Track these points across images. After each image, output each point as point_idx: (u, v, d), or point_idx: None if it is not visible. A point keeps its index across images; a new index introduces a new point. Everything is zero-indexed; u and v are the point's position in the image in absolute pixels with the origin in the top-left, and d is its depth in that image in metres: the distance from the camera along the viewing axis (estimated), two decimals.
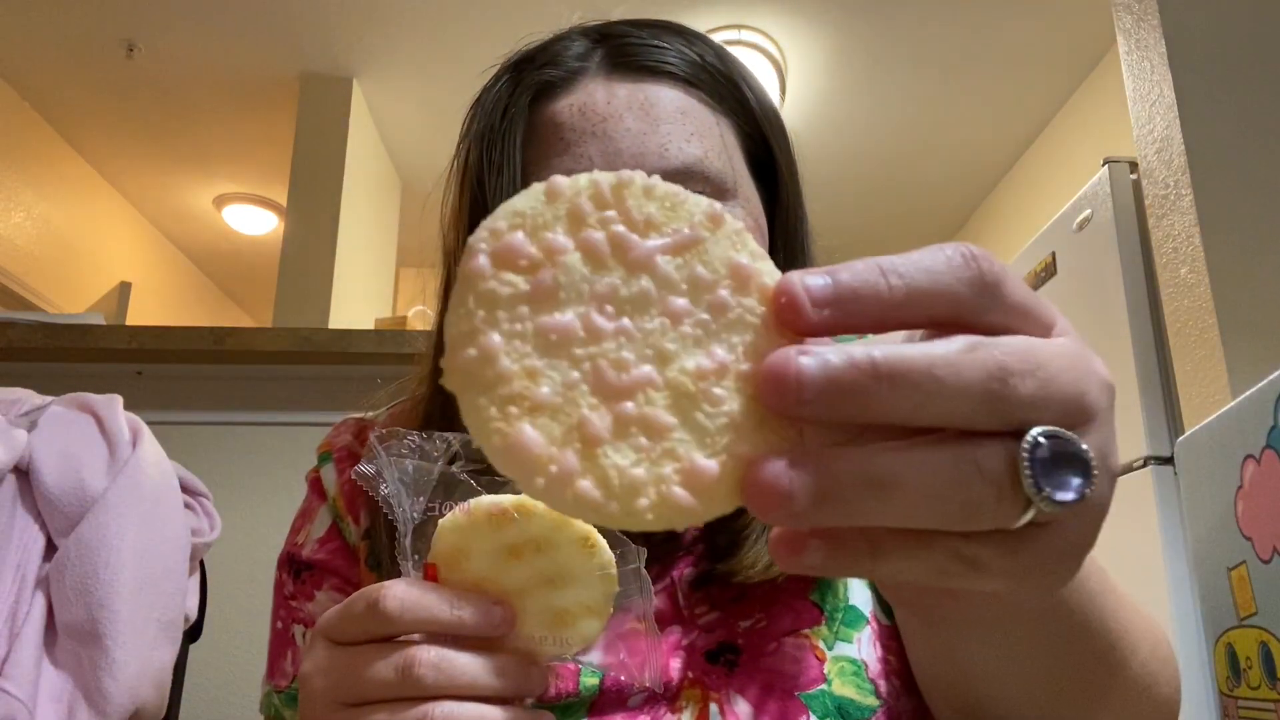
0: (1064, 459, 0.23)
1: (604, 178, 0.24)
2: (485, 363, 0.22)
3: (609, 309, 0.24)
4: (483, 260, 0.23)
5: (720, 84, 0.58)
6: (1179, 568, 1.83)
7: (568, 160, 0.53)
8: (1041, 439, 0.22)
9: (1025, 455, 0.22)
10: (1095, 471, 0.23)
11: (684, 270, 0.24)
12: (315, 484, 0.62)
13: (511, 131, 0.55)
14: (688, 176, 0.53)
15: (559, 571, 0.36)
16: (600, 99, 0.55)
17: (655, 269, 0.24)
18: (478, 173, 0.55)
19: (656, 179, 0.25)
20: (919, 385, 0.22)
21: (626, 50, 0.57)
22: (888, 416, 0.22)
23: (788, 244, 0.61)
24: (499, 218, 0.24)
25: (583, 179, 0.24)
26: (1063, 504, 0.22)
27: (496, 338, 0.23)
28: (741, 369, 0.23)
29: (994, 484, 0.22)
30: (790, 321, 0.23)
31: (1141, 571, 1.92)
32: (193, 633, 1.07)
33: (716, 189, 0.55)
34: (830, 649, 0.52)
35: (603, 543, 0.36)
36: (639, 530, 0.23)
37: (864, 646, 0.53)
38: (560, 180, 0.24)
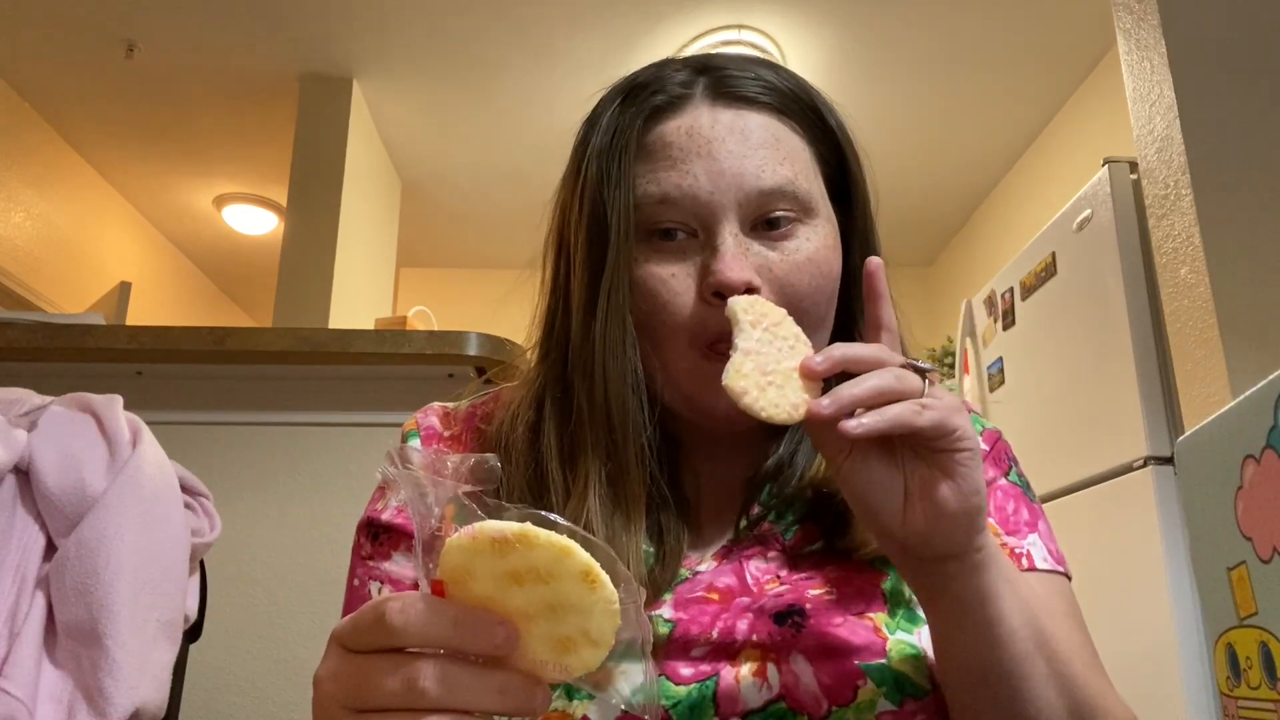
0: (923, 373, 0.51)
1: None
2: None
3: None
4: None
5: (806, 112, 0.65)
6: (1179, 568, 1.83)
7: (675, 175, 0.60)
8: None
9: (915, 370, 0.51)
10: (931, 371, 0.51)
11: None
12: None
13: (626, 150, 0.62)
14: (780, 196, 0.61)
15: (560, 601, 0.36)
16: (705, 123, 0.62)
17: None
18: (597, 185, 0.62)
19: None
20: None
21: (726, 81, 0.64)
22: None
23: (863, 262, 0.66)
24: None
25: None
26: (925, 370, 0.51)
27: None
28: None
29: (908, 377, 0.50)
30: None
31: (1141, 571, 1.92)
32: (193, 633, 1.07)
33: (803, 207, 0.62)
34: (892, 634, 0.57)
35: (604, 577, 0.36)
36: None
37: (924, 639, 0.57)
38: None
